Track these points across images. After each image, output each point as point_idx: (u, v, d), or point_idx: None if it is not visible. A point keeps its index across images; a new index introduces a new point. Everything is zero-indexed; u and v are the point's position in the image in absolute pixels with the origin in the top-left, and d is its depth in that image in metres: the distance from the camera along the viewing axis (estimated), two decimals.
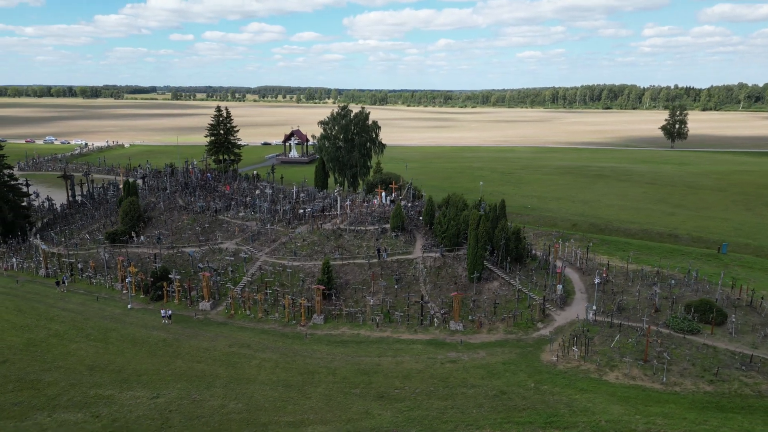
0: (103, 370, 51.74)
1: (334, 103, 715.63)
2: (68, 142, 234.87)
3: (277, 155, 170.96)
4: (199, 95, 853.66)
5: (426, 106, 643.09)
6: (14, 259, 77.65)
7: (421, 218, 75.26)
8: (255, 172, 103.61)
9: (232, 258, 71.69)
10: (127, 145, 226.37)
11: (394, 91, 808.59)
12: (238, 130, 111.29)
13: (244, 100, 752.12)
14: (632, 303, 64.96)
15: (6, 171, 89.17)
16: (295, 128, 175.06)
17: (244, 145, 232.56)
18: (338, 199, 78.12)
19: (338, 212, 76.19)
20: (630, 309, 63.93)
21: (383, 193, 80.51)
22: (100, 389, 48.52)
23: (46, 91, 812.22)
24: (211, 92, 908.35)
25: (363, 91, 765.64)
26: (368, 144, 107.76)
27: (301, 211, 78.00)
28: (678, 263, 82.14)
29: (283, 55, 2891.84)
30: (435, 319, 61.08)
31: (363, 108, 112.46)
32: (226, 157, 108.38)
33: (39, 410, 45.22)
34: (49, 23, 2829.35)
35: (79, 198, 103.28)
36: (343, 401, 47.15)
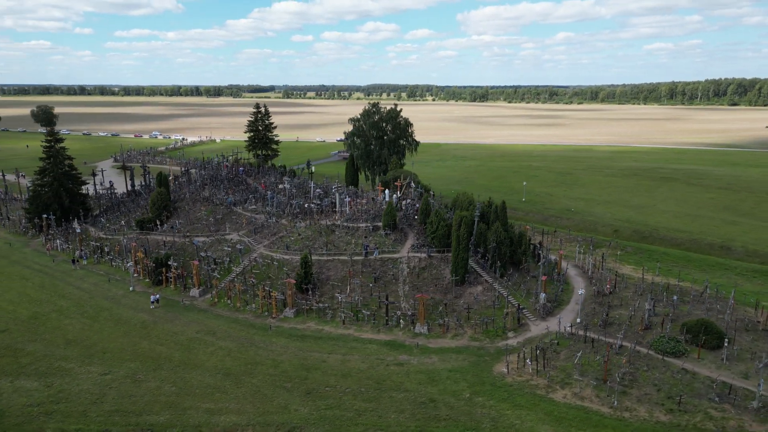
0: (77, 345, 56.57)
1: (433, 100, 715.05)
2: (169, 137, 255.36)
3: (339, 152, 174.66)
4: (309, 94, 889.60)
5: (528, 102, 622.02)
6: (58, 241, 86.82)
7: (416, 217, 73.90)
8: (289, 168, 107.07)
9: (229, 249, 74.99)
10: (218, 140, 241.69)
11: (497, 87, 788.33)
12: (275, 127, 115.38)
13: (348, 98, 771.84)
14: (624, 318, 59.52)
15: (66, 162, 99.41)
16: None
17: (321, 141, 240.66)
18: (337, 195, 78.74)
19: (338, 208, 76.84)
20: (617, 324, 58.65)
21: (386, 191, 79.88)
22: (65, 362, 53.21)
23: (176, 91, 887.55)
24: (319, 91, 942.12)
25: (464, 87, 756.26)
26: (401, 141, 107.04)
27: (307, 206, 79.59)
28: (714, 278, 73.97)
29: (396, 53, 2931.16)
30: (401, 321, 59.92)
31: (396, 105, 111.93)
32: (263, 152, 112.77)
33: (6, 376, 50.58)
34: (188, 28, 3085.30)
35: (138, 187, 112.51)
36: (270, 394, 47.96)
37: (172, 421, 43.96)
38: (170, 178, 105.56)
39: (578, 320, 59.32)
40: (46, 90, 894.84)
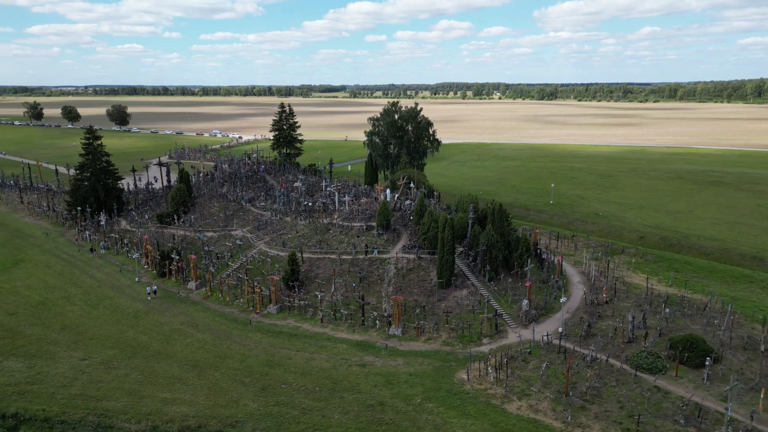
0: (70, 331, 60.19)
1: (499, 99, 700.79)
2: (227, 135, 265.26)
3: None
4: (376, 93, 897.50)
5: (600, 101, 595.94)
6: (87, 232, 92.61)
7: (411, 218, 73.01)
8: (313, 167, 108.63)
9: (230, 245, 77.21)
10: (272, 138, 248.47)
11: (569, 85, 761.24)
12: (299, 126, 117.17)
13: (413, 97, 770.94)
14: (609, 330, 56.31)
15: (104, 158, 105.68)
16: None
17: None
18: (336, 195, 79.03)
19: (336, 208, 77.26)
20: (600, 336, 55.57)
21: (388, 191, 79.31)
22: (54, 346, 56.77)
23: (250, 91, 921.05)
24: (387, 90, 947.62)
25: (532, 85, 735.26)
26: (423, 141, 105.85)
27: (309, 204, 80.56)
28: (735, 291, 68.58)
29: (470, 51, 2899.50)
30: (377, 322, 59.54)
31: (417, 104, 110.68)
32: (287, 151, 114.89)
33: None
34: (266, 30, 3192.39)
35: (173, 183, 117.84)
36: (226, 387, 49.09)
37: (126, 408, 45.92)
38: (200, 174, 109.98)
39: (560, 329, 56.69)
40: (133, 90, 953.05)
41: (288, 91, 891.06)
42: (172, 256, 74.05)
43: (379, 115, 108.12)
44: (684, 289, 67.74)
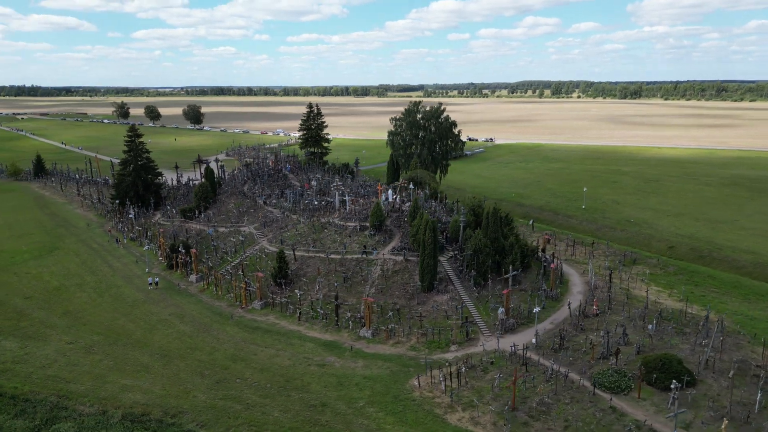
0: (69, 316, 64.45)
1: (578, 98, 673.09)
2: (287, 134, 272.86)
3: None
4: (451, 92, 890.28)
5: (689, 99, 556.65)
6: (119, 224, 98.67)
7: (405, 220, 71.95)
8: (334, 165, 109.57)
9: (234, 240, 79.54)
10: (331, 138, 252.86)
11: (656, 83, 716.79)
12: (326, 126, 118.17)
13: (488, 96, 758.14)
14: (586, 344, 52.97)
15: (144, 155, 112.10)
16: None
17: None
18: (336, 194, 79.20)
19: (337, 207, 77.57)
20: (573, 350, 52.46)
21: (390, 191, 78.51)
22: (50, 329, 61.00)
23: (328, 91, 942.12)
24: (463, 89, 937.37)
25: (615, 83, 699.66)
26: (447, 141, 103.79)
27: (315, 203, 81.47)
28: (753, 310, 62.72)
29: (556, 48, 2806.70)
30: (351, 322, 59.32)
31: (440, 104, 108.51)
32: (315, 150, 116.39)
33: (1, 335, 59.42)
34: (350, 31, 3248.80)
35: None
36: (185, 378, 50.79)
37: (88, 391, 48.55)
38: (235, 171, 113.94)
39: (533, 341, 54.03)
40: (221, 91, 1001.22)
41: (364, 91, 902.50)
42: (179, 249, 77.35)
43: (400, 115, 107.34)
44: (692, 304, 62.66)
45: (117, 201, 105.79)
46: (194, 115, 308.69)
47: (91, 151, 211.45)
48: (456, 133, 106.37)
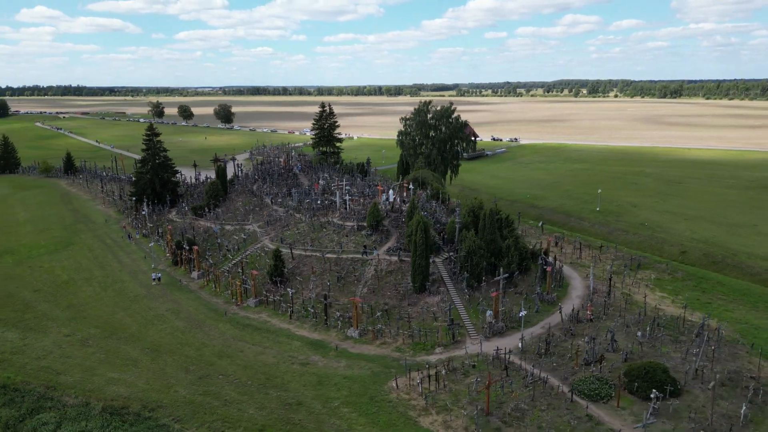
0: (72, 309, 66.37)
1: (615, 97, 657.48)
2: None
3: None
4: (485, 92, 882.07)
5: (731, 99, 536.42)
6: (132, 220, 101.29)
7: (403, 220, 71.51)
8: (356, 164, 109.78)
9: (237, 238, 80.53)
10: (355, 138, 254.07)
11: (702, 81, 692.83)
12: (338, 125, 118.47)
13: (521, 96, 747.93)
14: (573, 350, 51.67)
15: (162, 153, 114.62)
16: None
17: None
18: (337, 193, 79.24)
19: (338, 206, 77.68)
20: (558, 355, 51.30)
21: (391, 191, 78.13)
22: (50, 321, 62.98)
23: (361, 90, 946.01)
24: (497, 88, 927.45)
25: (654, 82, 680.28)
26: (456, 141, 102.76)
27: (318, 202, 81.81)
28: (762, 319, 60.18)
29: (596, 47, 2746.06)
30: (339, 322, 59.36)
31: (451, 104, 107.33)
32: (323, 149, 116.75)
33: (5, 325, 61.51)
34: (386, 31, 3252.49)
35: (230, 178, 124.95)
36: (170, 373, 51.72)
37: (75, 383, 49.96)
38: (244, 169, 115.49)
39: (519, 345, 53.04)
40: (257, 91, 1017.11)
41: (397, 90, 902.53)
42: (184, 246, 78.83)
43: (410, 115, 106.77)
44: (696, 311, 60.53)
45: (134, 198, 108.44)
46: (225, 115, 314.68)
47: (123, 150, 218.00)
48: (467, 133, 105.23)
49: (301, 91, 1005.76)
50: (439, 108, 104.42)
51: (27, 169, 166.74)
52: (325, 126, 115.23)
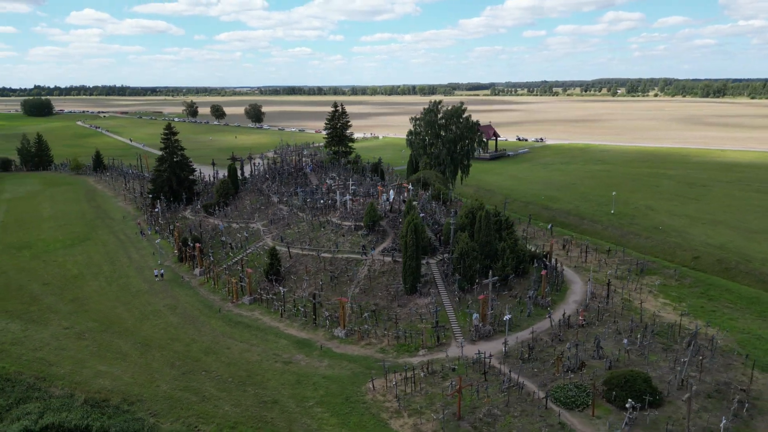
0: (75, 303, 68.34)
1: (655, 96, 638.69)
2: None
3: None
4: (520, 91, 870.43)
5: None
6: (145, 216, 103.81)
7: (400, 221, 71.04)
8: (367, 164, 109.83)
9: (239, 236, 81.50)
10: (380, 137, 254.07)
11: (746, 80, 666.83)
12: (351, 125, 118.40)
13: (557, 95, 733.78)
14: (555, 356, 50.40)
15: (179, 152, 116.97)
16: (484, 124, 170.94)
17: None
18: (337, 193, 79.19)
19: (338, 206, 77.70)
20: (541, 361, 50.15)
21: (391, 192, 77.63)
22: (53, 314, 65.02)
23: (395, 90, 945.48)
24: (532, 87, 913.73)
25: (698, 80, 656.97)
26: (467, 141, 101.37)
27: (322, 201, 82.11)
28: (765, 329, 57.54)
29: (639, 44, 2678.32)
30: (328, 322, 59.44)
31: (462, 103, 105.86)
32: (334, 149, 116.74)
33: (11, 316, 63.77)
34: (423, 30, 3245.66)
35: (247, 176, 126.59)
36: (155, 368, 52.77)
37: (65, 374, 51.47)
38: (255, 168, 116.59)
39: (505, 350, 52.06)
40: (292, 90, 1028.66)
41: (431, 90, 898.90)
42: (189, 243, 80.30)
43: (420, 115, 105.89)
44: (698, 319, 58.36)
45: (151, 195, 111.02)
46: (255, 114, 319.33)
47: (153, 148, 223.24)
48: (479, 133, 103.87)
49: (335, 90, 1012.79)
50: (449, 108, 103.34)
51: (59, 166, 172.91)
52: (338, 126, 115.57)
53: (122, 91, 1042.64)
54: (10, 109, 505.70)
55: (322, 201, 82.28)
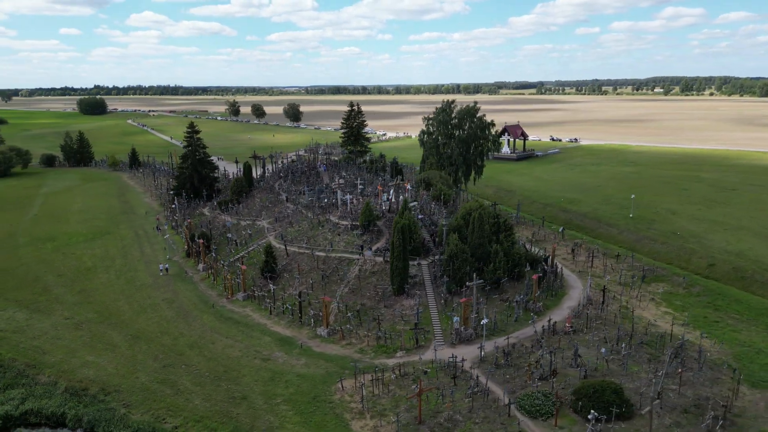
0: (81, 294, 70.95)
1: (711, 95, 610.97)
2: (375, 132, 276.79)
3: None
4: (568, 90, 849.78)
5: None
6: (165, 212, 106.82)
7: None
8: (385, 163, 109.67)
9: (244, 233, 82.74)
10: (413, 136, 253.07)
11: None
12: (366, 124, 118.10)
13: (606, 94, 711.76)
14: (531, 363, 48.99)
15: (201, 150, 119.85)
16: (512, 123, 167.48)
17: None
18: (338, 192, 79.16)
19: (339, 205, 77.80)
20: (516, 368, 48.84)
21: (392, 191, 77.03)
22: (59, 305, 67.71)
23: (439, 89, 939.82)
24: (580, 86, 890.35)
25: (758, 79, 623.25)
26: (481, 141, 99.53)
27: (326, 200, 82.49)
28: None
29: (700, 41, 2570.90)
30: (313, 320, 59.66)
31: (476, 102, 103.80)
32: (350, 148, 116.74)
33: (20, 306, 66.90)
34: (472, 29, 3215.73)
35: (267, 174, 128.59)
36: (140, 359, 54.32)
37: (55, 363, 53.63)
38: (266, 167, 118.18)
39: (481, 354, 51.01)
40: (337, 90, 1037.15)
41: (476, 89, 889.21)
42: (196, 239, 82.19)
43: (432, 114, 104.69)
44: (697, 330, 55.72)
45: (172, 191, 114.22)
46: (293, 114, 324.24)
47: None
48: (494, 133, 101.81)
49: (379, 90, 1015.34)
50: (463, 107, 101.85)
51: (99, 162, 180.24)
52: (354, 125, 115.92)
53: (175, 90, 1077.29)
54: (68, 107, 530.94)
55: (326, 200, 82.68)
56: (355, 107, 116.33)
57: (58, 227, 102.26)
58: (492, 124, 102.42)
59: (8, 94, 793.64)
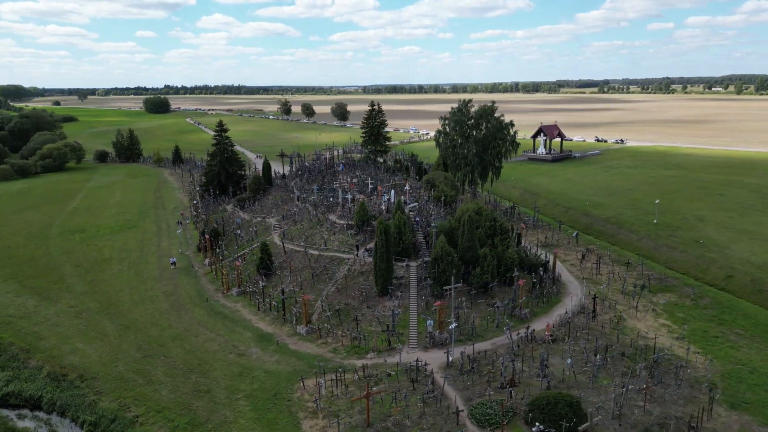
0: (91, 284, 74.40)
1: None
2: (417, 131, 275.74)
3: (525, 152, 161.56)
4: (633, 88, 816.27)
5: None
6: (190, 207, 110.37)
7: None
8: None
9: (249, 230, 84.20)
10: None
11: None
12: (387, 124, 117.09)
13: (673, 93, 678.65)
14: (494, 371, 47.47)
15: (229, 148, 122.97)
16: (548, 123, 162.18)
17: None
18: (339, 192, 78.99)
19: (341, 205, 77.80)
20: (481, 374, 47.44)
21: (392, 192, 76.19)
22: (67, 293, 71.26)
23: (496, 87, 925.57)
24: (645, 84, 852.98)
25: None
26: (499, 142, 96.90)
27: (331, 199, 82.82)
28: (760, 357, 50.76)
29: None
30: (295, 318, 60.10)
31: (493, 102, 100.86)
32: (375, 148, 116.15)
33: (33, 293, 70.99)
34: (536, 26, 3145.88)
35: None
36: (124, 349, 56.50)
37: (46, 348, 56.60)
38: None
39: (449, 360, 49.89)
40: (393, 89, 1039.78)
41: (534, 87, 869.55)
42: (206, 235, 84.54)
43: (448, 114, 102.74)
44: (692, 344, 52.39)
45: (199, 188, 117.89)
46: (341, 113, 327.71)
47: (240, 144, 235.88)
48: (513, 133, 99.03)
49: (436, 89, 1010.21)
50: (480, 107, 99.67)
51: (146, 159, 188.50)
52: (374, 125, 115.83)
53: (238, 89, 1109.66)
54: (135, 106, 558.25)
55: (331, 198, 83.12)
56: (376, 107, 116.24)
57: (91, 220, 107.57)
58: (511, 124, 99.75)
59: (84, 94, 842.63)
